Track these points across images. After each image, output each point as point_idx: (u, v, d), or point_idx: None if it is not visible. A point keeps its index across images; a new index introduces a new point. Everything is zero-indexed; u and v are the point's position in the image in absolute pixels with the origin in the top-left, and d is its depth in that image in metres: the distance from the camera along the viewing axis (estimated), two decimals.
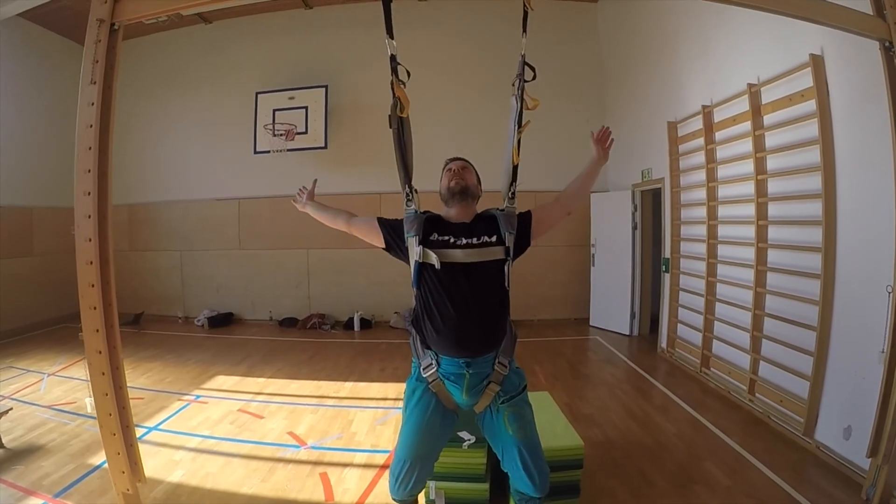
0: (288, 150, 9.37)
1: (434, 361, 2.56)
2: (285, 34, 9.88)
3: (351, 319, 9.66)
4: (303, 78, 9.57)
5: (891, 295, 3.42)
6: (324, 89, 9.38)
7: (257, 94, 9.52)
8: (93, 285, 2.99)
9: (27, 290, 9.04)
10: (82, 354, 7.02)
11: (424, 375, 2.60)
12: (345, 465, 4.25)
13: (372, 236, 2.77)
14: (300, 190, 3.19)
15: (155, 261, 10.36)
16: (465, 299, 2.50)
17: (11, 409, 4.90)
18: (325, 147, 9.35)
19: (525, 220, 2.72)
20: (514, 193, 2.74)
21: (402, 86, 2.60)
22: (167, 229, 10.37)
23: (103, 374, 3.02)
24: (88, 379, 3.05)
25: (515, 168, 2.74)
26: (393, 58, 2.57)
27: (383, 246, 2.75)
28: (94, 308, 2.99)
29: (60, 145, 9.67)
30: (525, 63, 2.72)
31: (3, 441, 4.45)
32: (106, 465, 3.99)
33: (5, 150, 8.64)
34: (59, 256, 9.70)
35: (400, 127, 2.63)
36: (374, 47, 4.22)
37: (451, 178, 2.71)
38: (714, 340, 6.08)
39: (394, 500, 2.86)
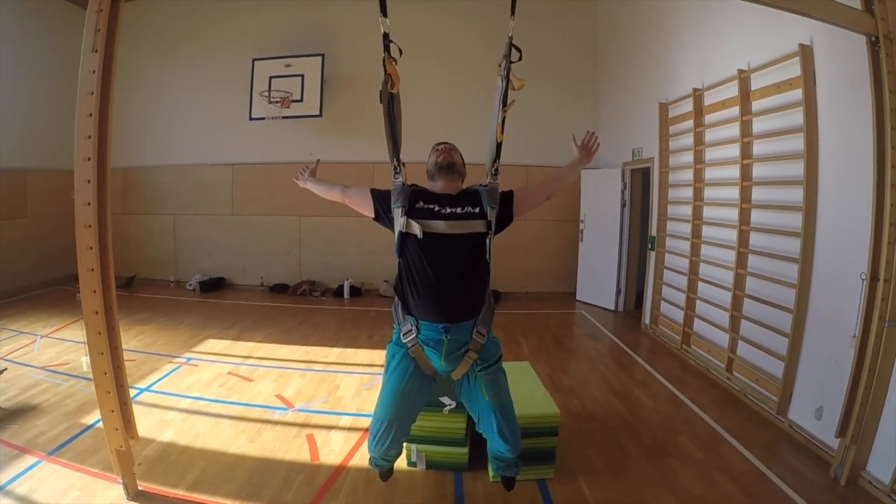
0: (283, 117, 9.37)
1: (414, 327, 2.66)
2: (283, 1, 9.79)
3: (341, 287, 9.77)
4: (300, 46, 9.52)
5: (864, 281, 3.53)
6: (320, 58, 9.35)
7: (254, 60, 9.48)
8: (91, 248, 3.04)
9: (20, 252, 9.02)
10: (75, 316, 7.21)
11: (404, 341, 2.71)
12: (330, 427, 4.40)
13: (363, 206, 2.86)
14: (302, 169, 3.26)
15: (148, 224, 10.35)
16: (446, 267, 2.60)
17: (6, 369, 4.97)
18: (320, 115, 9.35)
19: (508, 198, 2.81)
20: (496, 170, 2.83)
21: (393, 63, 2.67)
22: (161, 193, 10.35)
23: (99, 333, 3.08)
24: (85, 339, 3.12)
25: (499, 146, 2.83)
26: (386, 35, 2.63)
27: (373, 216, 2.84)
28: (92, 270, 3.04)
29: (54, 107, 9.59)
30: (512, 45, 2.78)
31: None
32: (99, 424, 4.10)
33: None
34: (52, 219, 9.70)
35: (390, 102, 2.71)
36: (370, 18, 4.17)
37: (439, 154, 2.80)
38: (695, 319, 6.23)
39: (371, 456, 3.02)
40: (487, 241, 2.67)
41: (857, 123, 3.74)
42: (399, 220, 2.63)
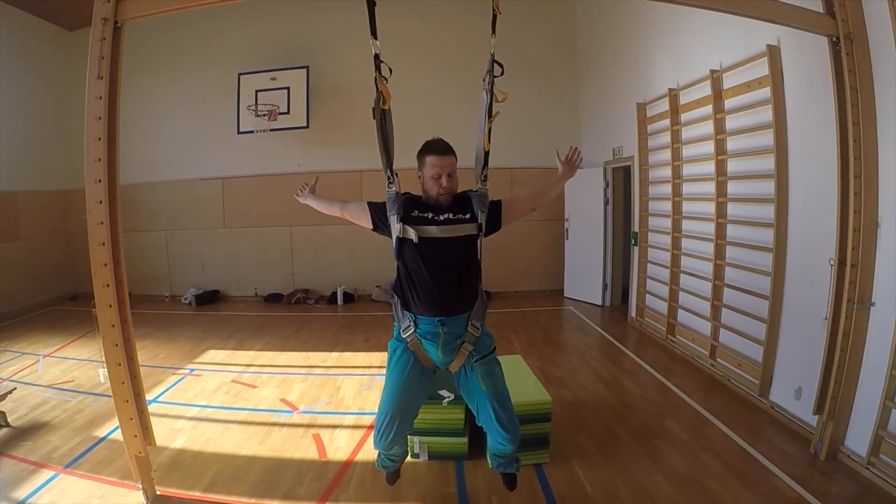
0: (271, 129, 9.51)
1: (412, 323, 2.84)
2: (267, 15, 9.90)
3: (334, 294, 9.94)
4: (284, 59, 9.67)
5: (833, 267, 3.73)
6: (305, 70, 9.51)
7: (240, 74, 9.60)
8: (105, 264, 3.17)
9: (14, 274, 9.01)
10: (74, 335, 7.42)
11: (404, 336, 2.89)
12: (335, 426, 4.59)
13: (362, 219, 3.04)
14: (302, 186, 3.42)
15: (141, 241, 10.29)
16: (440, 268, 2.77)
17: (15, 388, 5.05)
18: (307, 127, 9.50)
19: (497, 207, 2.99)
20: (486, 176, 3.03)
21: (384, 81, 2.85)
22: (152, 210, 10.39)
23: (116, 345, 3.23)
24: (102, 351, 3.26)
25: (486, 154, 3.03)
26: (377, 56, 2.82)
27: (371, 227, 3.01)
28: (107, 285, 3.19)
29: (42, 129, 9.74)
30: (494, 61, 2.98)
31: (9, 420, 4.64)
32: (112, 435, 4.32)
33: None
34: (44, 240, 9.82)
35: (382, 118, 2.88)
36: (354, 29, 4.24)
37: (441, 192, 2.87)
38: (679, 310, 6.45)
39: (378, 456, 3.25)
40: (478, 242, 2.87)
41: (822, 118, 3.90)
42: (395, 227, 2.81)
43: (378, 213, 2.96)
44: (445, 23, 9.88)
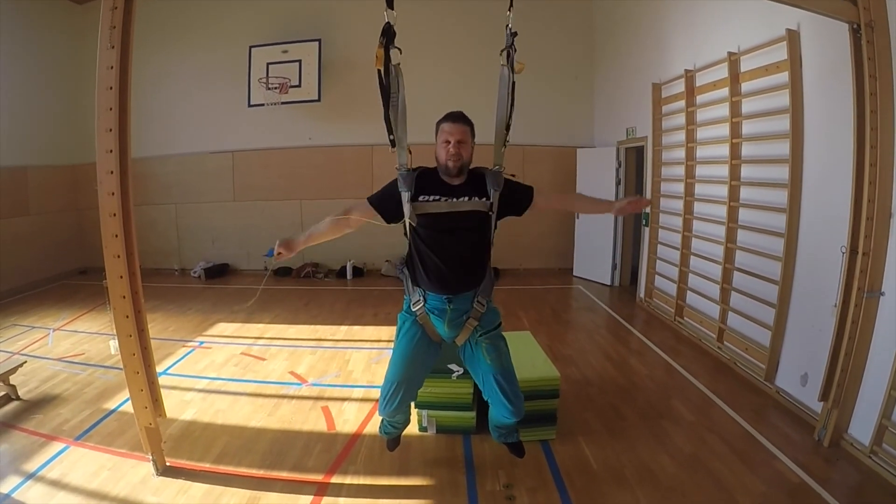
0: (282, 103, 9.43)
1: (422, 298, 2.91)
2: None
3: (344, 268, 9.98)
4: (296, 31, 9.57)
5: (844, 255, 3.71)
6: (317, 43, 9.42)
7: (251, 47, 9.52)
8: (116, 235, 3.17)
9: (24, 249, 9.02)
10: (84, 309, 7.51)
11: (413, 309, 2.96)
12: (344, 399, 4.65)
13: (372, 218, 2.95)
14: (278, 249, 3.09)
15: (150, 214, 10.25)
16: (448, 247, 2.81)
17: (26, 361, 5.06)
18: (319, 100, 9.44)
19: (522, 193, 2.95)
20: (503, 154, 2.96)
21: (381, 43, 2.69)
22: (162, 183, 10.37)
23: (127, 317, 3.25)
24: (112, 323, 3.28)
25: (508, 128, 2.94)
26: (389, 25, 2.70)
27: (386, 222, 2.95)
28: (118, 256, 3.20)
29: (52, 104, 9.72)
30: (511, 34, 2.92)
31: (20, 393, 4.69)
32: (122, 407, 4.39)
33: None
34: (54, 215, 9.83)
35: (386, 83, 2.76)
36: (368, 2, 4.18)
37: (449, 157, 2.81)
38: (688, 291, 6.45)
39: (381, 422, 3.40)
40: (490, 222, 2.86)
41: (840, 106, 3.85)
42: (406, 207, 2.80)
43: (385, 205, 2.91)
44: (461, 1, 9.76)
